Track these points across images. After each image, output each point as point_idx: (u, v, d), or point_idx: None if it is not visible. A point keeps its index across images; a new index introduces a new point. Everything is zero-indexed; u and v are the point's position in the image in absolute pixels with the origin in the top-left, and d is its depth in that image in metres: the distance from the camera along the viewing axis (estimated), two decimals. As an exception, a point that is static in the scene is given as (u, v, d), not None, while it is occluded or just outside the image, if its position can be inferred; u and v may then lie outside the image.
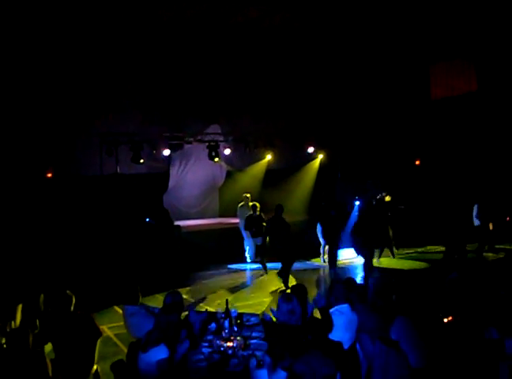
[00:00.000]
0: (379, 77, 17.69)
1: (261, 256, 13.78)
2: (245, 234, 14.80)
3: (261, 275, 13.43)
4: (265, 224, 13.56)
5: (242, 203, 15.50)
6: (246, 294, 11.58)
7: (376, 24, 14.21)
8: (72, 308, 5.89)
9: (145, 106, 15.80)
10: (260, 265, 13.76)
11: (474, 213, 14.72)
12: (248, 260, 15.09)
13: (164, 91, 15.84)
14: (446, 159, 18.62)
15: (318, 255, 15.01)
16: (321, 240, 14.57)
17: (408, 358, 4.80)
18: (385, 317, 5.51)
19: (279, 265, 12.23)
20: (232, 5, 12.49)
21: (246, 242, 15.17)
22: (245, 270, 14.31)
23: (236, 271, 14.23)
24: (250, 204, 14.53)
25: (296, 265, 13.42)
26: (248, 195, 15.47)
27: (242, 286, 12.70)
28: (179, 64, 15.35)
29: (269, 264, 13.57)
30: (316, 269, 14.25)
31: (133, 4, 11.98)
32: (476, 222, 14.68)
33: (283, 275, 11.96)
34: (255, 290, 11.96)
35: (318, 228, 14.54)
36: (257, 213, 13.95)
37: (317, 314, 5.71)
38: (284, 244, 12.03)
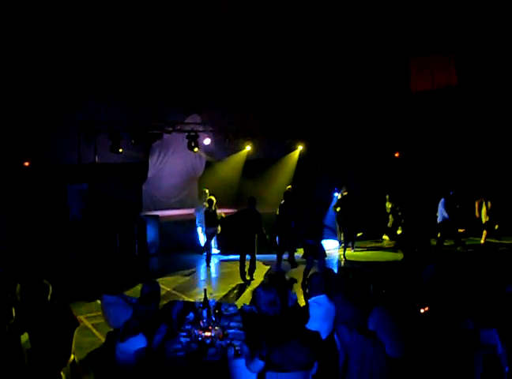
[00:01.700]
0: (359, 69, 17.72)
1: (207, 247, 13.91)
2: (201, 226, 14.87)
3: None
4: (219, 218, 13.93)
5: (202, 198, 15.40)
6: (224, 284, 11.59)
7: (357, 15, 14.22)
8: (49, 297, 5.84)
9: (125, 95, 15.67)
10: (236, 256, 13.78)
11: (441, 208, 14.74)
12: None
13: (144, 80, 15.71)
14: (425, 151, 18.77)
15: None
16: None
17: (385, 347, 4.84)
18: (362, 307, 5.56)
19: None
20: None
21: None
22: (224, 260, 14.28)
23: (215, 261, 14.22)
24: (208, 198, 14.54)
25: (274, 256, 13.47)
26: (207, 190, 15.31)
27: (221, 276, 12.71)
28: (160, 53, 15.23)
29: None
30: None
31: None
32: (441, 218, 14.69)
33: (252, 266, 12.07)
34: (233, 280, 11.96)
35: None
36: (213, 208, 13.81)
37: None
38: (249, 236, 12.04)
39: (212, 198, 13.87)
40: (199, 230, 15.30)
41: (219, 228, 13.97)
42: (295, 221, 12.96)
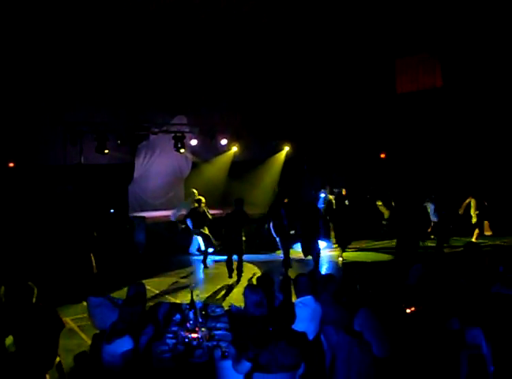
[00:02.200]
0: (345, 70, 17.79)
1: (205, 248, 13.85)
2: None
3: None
4: (210, 218, 13.80)
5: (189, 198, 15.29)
6: (211, 285, 11.56)
7: (343, 17, 14.28)
8: (34, 300, 5.79)
9: (111, 96, 15.60)
10: (224, 257, 13.78)
11: (431, 208, 14.79)
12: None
13: (130, 81, 15.65)
14: (411, 152, 18.89)
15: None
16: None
17: (372, 348, 4.87)
18: (349, 308, 5.58)
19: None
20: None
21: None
22: (210, 261, 14.24)
23: (201, 261, 14.16)
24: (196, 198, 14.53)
25: (262, 257, 13.50)
26: (195, 191, 15.17)
27: (208, 277, 12.68)
28: (146, 54, 15.19)
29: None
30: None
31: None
32: (434, 217, 14.76)
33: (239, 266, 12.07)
34: (220, 281, 11.95)
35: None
36: (202, 208, 13.71)
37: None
38: (237, 237, 12.04)
39: (202, 198, 13.80)
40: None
41: (206, 229, 13.90)
42: (289, 221, 13.00)
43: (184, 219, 14.16)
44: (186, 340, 5.19)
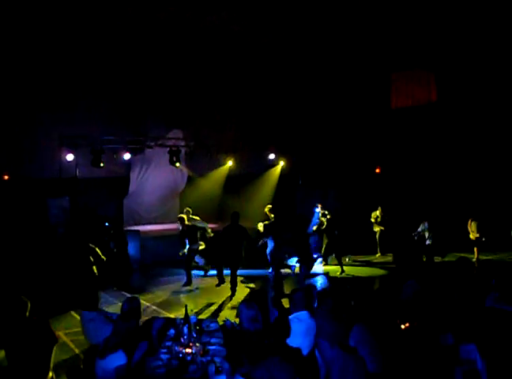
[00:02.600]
0: (341, 85, 17.88)
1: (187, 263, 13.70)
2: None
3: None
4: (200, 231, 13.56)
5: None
6: (205, 300, 11.52)
7: (338, 32, 14.38)
8: (27, 313, 5.76)
9: (107, 109, 15.64)
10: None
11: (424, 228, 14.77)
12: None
13: (126, 94, 15.71)
14: (406, 167, 18.94)
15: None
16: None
17: (366, 363, 4.85)
18: (343, 323, 5.56)
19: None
20: (196, 11, 12.51)
21: None
22: (204, 276, 14.19)
23: (196, 276, 14.12)
24: (192, 216, 14.50)
25: (256, 272, 13.47)
26: (189, 209, 14.98)
27: (203, 291, 12.63)
28: (142, 68, 15.26)
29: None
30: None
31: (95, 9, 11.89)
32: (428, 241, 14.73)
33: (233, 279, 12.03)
34: (215, 295, 11.90)
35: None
36: (186, 225, 13.43)
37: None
38: (234, 251, 12.02)
39: (183, 216, 13.61)
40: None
41: (201, 245, 13.81)
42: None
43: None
44: (180, 355, 5.15)
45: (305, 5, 12.55)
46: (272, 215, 15.23)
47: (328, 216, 15.47)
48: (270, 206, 15.55)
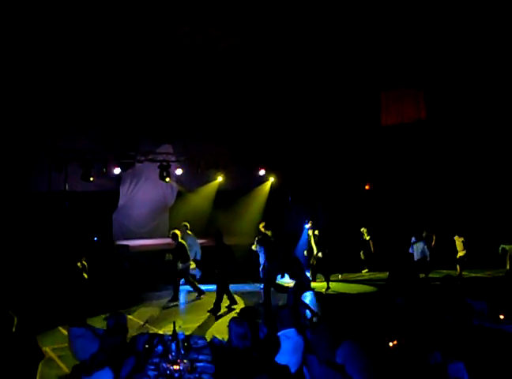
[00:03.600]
0: (330, 103, 18.01)
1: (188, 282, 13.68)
2: None
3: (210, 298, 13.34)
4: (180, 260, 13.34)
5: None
6: (194, 316, 11.47)
7: (328, 49, 14.50)
8: (13, 329, 5.71)
9: (97, 123, 15.64)
10: (210, 287, 13.71)
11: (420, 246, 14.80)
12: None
13: (117, 109, 15.72)
14: (395, 184, 19.06)
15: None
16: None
17: (354, 381, 4.84)
18: (332, 339, 5.55)
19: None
20: (186, 28, 12.61)
21: None
22: (193, 291, 14.13)
23: (184, 292, 14.06)
24: (188, 231, 14.58)
25: (244, 287, 13.44)
26: (187, 224, 15.02)
27: (191, 307, 12.59)
28: (132, 82, 15.29)
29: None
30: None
31: (87, 22, 11.93)
32: (420, 255, 14.78)
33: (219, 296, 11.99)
34: (203, 312, 11.85)
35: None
36: (178, 242, 13.36)
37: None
38: (222, 268, 12.01)
39: (176, 232, 13.52)
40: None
41: (192, 264, 13.78)
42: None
43: None
44: (168, 372, 5.12)
45: (295, 24, 12.66)
46: (270, 232, 15.24)
47: (315, 232, 15.54)
48: (264, 223, 15.53)
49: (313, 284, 14.93)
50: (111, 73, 14.64)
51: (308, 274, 14.83)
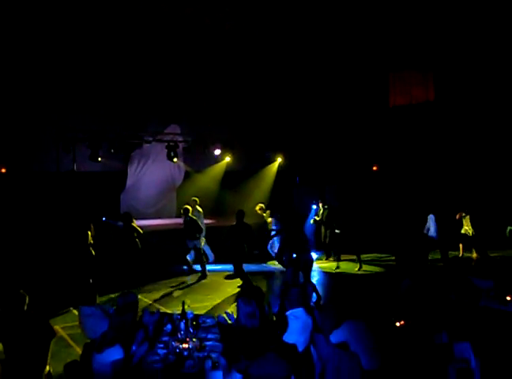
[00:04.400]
0: (339, 83, 17.91)
1: (199, 259, 13.75)
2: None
3: (217, 278, 13.43)
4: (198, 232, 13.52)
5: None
6: (202, 296, 11.56)
7: (337, 31, 14.40)
8: (25, 307, 5.78)
9: (105, 103, 15.63)
10: (218, 267, 13.82)
11: (432, 224, 14.78)
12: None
13: (124, 89, 15.70)
14: (403, 165, 19.00)
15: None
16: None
17: (361, 360, 4.89)
18: (338, 320, 5.60)
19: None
20: (194, 10, 12.54)
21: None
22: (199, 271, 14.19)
23: (193, 272, 14.14)
24: (197, 206, 14.62)
25: (253, 268, 13.52)
26: (196, 199, 15.00)
27: (199, 287, 12.67)
28: (139, 63, 15.25)
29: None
30: (272, 272, 14.31)
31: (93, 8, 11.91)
32: (433, 232, 14.74)
33: (239, 275, 12.09)
34: (211, 291, 11.95)
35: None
36: (190, 217, 13.53)
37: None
38: (239, 248, 12.10)
39: (188, 207, 13.67)
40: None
41: (202, 241, 13.84)
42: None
43: None
44: (177, 351, 5.20)
45: (304, 5, 12.56)
46: (266, 214, 15.30)
47: (325, 212, 15.60)
48: (262, 205, 15.56)
49: (324, 264, 15.08)
50: (120, 54, 14.62)
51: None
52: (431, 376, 5.14)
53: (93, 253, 10.94)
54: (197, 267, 13.73)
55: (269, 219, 15.34)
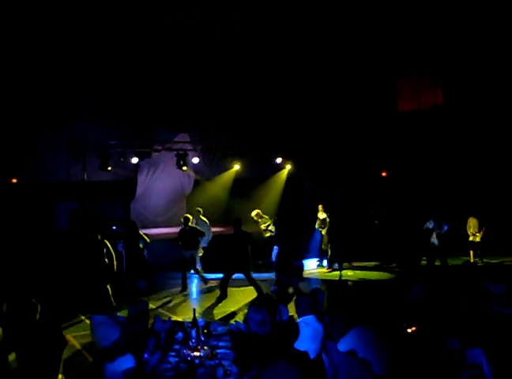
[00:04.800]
0: (347, 89, 17.92)
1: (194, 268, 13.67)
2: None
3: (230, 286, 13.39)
4: (200, 236, 13.45)
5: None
6: (213, 304, 11.55)
7: (346, 37, 14.43)
8: (37, 317, 5.81)
9: (114, 113, 15.72)
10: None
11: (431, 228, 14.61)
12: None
13: (134, 98, 15.79)
14: (412, 171, 18.95)
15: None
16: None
17: (372, 366, 4.87)
18: (347, 327, 5.58)
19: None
20: (201, 17, 12.62)
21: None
22: (212, 279, 14.19)
23: (199, 280, 14.11)
24: (201, 216, 14.61)
25: (262, 275, 13.51)
26: (200, 209, 15.04)
27: (210, 295, 12.66)
28: (149, 72, 15.34)
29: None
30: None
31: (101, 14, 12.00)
32: (434, 238, 14.56)
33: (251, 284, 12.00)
34: (222, 299, 11.93)
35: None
36: (189, 226, 13.35)
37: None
38: (240, 256, 12.00)
39: (188, 216, 13.51)
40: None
41: (200, 252, 13.79)
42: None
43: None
44: (189, 359, 5.19)
45: (313, 11, 12.61)
46: (261, 220, 15.25)
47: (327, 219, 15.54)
48: (258, 211, 15.51)
49: (328, 273, 15.01)
50: (130, 64, 14.71)
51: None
52: (444, 382, 5.11)
53: (107, 261, 10.99)
54: (208, 275, 13.73)
55: (263, 226, 15.28)
